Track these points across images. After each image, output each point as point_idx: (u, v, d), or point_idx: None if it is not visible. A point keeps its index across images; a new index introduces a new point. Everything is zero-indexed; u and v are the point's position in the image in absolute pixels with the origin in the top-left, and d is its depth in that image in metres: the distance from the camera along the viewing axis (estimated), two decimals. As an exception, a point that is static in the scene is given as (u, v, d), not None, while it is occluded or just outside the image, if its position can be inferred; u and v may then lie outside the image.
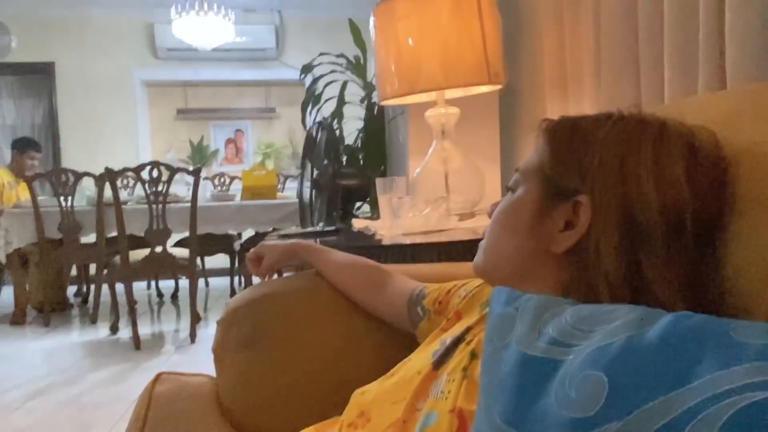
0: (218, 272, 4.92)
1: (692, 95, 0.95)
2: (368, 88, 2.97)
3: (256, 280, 1.05)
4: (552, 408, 0.30)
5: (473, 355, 0.52)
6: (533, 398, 0.32)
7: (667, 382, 0.27)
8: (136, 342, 3.00)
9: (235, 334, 0.91)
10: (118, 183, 3.08)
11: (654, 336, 0.30)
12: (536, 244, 0.53)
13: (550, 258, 0.52)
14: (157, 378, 0.93)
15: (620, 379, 0.28)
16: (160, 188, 3.02)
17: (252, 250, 1.00)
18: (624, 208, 0.47)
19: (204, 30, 4.24)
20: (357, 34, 2.98)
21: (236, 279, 4.55)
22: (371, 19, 1.51)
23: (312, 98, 2.96)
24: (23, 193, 4.06)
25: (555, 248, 0.51)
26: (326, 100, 2.97)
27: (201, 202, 3.28)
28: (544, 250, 0.52)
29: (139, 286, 4.49)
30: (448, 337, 0.58)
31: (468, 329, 0.57)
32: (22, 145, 4.20)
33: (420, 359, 0.59)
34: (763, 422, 0.23)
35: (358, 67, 3.02)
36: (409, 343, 0.78)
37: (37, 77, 5.44)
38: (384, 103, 1.57)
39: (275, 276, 1.02)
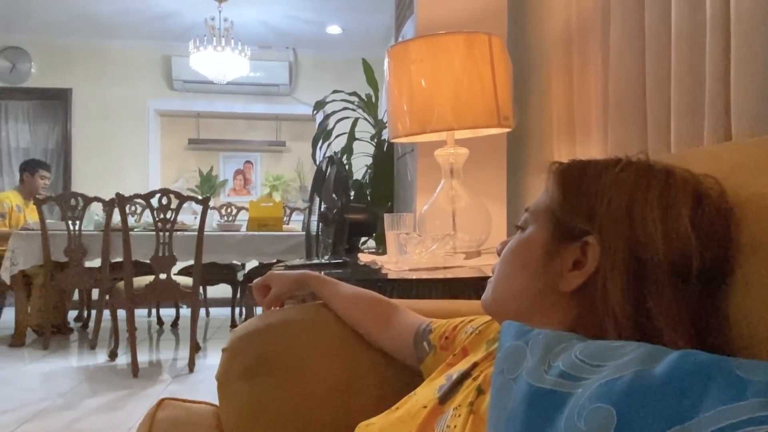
0: (220, 302, 4.91)
1: (698, 143, 0.97)
2: (379, 125, 3.02)
3: (258, 311, 1.04)
4: (561, 440, 0.31)
5: (480, 391, 0.52)
6: (542, 430, 0.32)
7: (674, 416, 0.28)
8: (135, 369, 2.98)
9: (239, 363, 0.92)
10: (126, 209, 3.11)
11: (662, 371, 0.31)
12: (545, 283, 0.54)
13: (558, 296, 0.53)
14: (160, 404, 0.93)
15: (629, 412, 0.29)
16: (168, 216, 3.05)
17: (259, 278, 1.01)
18: (631, 251, 0.49)
19: (220, 64, 4.35)
20: (370, 73, 3.05)
21: (237, 309, 4.53)
22: (386, 60, 1.55)
23: (323, 133, 3.02)
24: (31, 216, 4.10)
25: (563, 287, 0.52)
26: (337, 136, 3.03)
27: (207, 231, 3.31)
28: (552, 289, 0.53)
29: (140, 314, 4.47)
30: (455, 372, 0.59)
31: (474, 365, 0.58)
32: (32, 167, 4.27)
33: (425, 394, 0.59)
34: (766, 455, 0.24)
35: (369, 105, 3.08)
36: (413, 378, 0.78)
37: (54, 103, 5.55)
38: (395, 140, 1.61)
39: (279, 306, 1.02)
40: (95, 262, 3.51)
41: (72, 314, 4.32)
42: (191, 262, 3.24)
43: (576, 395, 0.32)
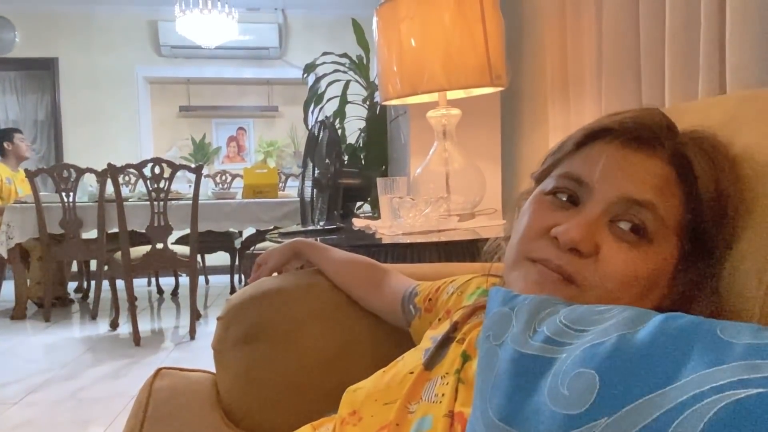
0: (218, 270, 4.93)
1: (693, 99, 0.95)
2: (371, 87, 2.97)
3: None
4: (545, 404, 0.31)
5: (466, 358, 0.52)
6: (527, 395, 0.32)
7: (656, 380, 0.28)
8: (136, 338, 3.01)
9: (235, 331, 0.92)
10: (120, 179, 3.09)
11: (644, 335, 0.30)
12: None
13: None
14: (157, 373, 0.93)
15: (611, 376, 0.29)
16: (161, 185, 3.03)
17: (259, 257, 1.01)
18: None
19: (208, 28, 4.25)
20: (360, 34, 2.98)
21: (236, 277, 4.56)
22: (374, 19, 1.51)
23: (314, 97, 2.97)
24: (21, 186, 4.07)
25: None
26: (328, 100, 2.98)
27: (202, 199, 3.29)
28: None
29: (140, 283, 4.50)
30: (438, 334, 0.59)
31: (455, 325, 0.57)
32: (7, 134, 4.21)
33: (412, 359, 0.59)
34: (747, 418, 0.24)
35: (360, 67, 3.03)
36: (407, 341, 0.78)
37: (41, 73, 5.45)
38: (386, 103, 1.58)
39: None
40: (92, 234, 3.51)
41: (72, 285, 4.35)
42: (188, 230, 3.24)
43: (560, 360, 0.32)
